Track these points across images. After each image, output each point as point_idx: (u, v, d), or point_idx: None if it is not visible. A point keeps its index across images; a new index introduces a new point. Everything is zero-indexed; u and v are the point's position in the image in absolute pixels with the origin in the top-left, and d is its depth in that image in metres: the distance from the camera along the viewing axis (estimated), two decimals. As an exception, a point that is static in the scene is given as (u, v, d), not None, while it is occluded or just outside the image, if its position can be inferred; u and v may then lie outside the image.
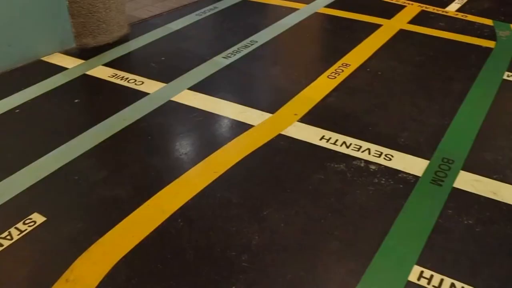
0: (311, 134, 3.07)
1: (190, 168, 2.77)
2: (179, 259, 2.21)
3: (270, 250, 2.26)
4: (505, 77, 3.91)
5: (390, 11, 5.10)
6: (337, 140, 3.02)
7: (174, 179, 2.68)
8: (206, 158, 2.85)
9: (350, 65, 3.95)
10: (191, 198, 2.55)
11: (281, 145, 2.97)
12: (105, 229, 2.35)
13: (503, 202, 2.62)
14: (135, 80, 3.64)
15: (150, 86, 3.58)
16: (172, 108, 3.33)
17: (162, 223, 2.39)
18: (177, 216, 2.44)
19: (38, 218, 2.42)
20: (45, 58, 3.98)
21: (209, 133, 3.10)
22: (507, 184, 2.75)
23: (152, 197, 2.55)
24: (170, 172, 2.74)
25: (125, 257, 2.21)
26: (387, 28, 4.68)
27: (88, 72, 3.77)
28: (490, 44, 4.49)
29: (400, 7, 5.23)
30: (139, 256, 2.22)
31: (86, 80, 3.69)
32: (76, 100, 3.46)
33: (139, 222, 2.40)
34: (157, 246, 2.28)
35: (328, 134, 3.07)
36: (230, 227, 2.38)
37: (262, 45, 4.27)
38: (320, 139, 3.02)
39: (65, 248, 2.27)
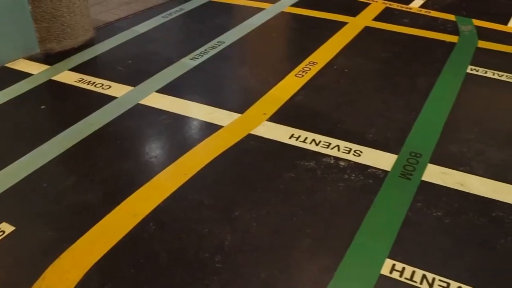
0: (281, 133, 3.08)
1: (160, 171, 2.76)
2: (152, 263, 2.20)
3: (243, 250, 2.27)
4: (468, 70, 3.99)
5: (355, 9, 5.15)
6: (306, 138, 3.04)
7: (145, 183, 2.66)
8: (176, 161, 2.84)
9: (317, 63, 3.98)
10: (163, 201, 2.54)
11: (251, 145, 2.98)
12: (76, 236, 2.32)
13: (470, 193, 2.68)
14: (102, 84, 3.61)
15: (117, 90, 3.55)
16: (140, 112, 3.30)
17: (134, 227, 2.38)
18: (149, 220, 2.42)
19: (6, 228, 2.38)
20: (9, 65, 3.91)
21: (178, 135, 3.09)
22: (473, 176, 2.81)
23: (123, 201, 2.53)
24: (141, 175, 2.73)
25: (97, 263, 2.19)
26: (353, 26, 4.73)
27: (54, 78, 3.72)
28: (453, 39, 4.57)
29: (365, 5, 5.29)
30: (111, 262, 2.20)
31: (52, 86, 3.64)
32: (43, 106, 3.41)
33: (110, 227, 2.38)
34: (130, 251, 2.26)
35: (297, 132, 3.09)
36: (202, 228, 2.38)
37: (229, 46, 4.27)
38: (290, 138, 3.04)
39: (36, 257, 2.24)
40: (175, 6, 5.12)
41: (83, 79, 3.68)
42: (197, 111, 3.31)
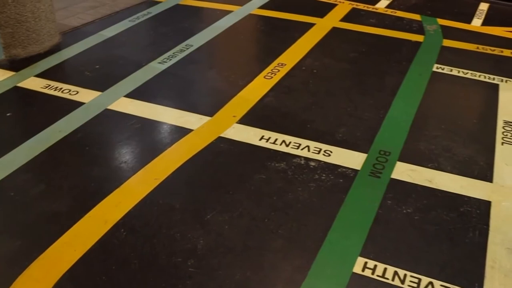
0: (251, 135, 3.09)
1: (130, 177, 2.73)
2: (124, 269, 2.18)
3: (216, 253, 2.27)
4: (434, 69, 4.06)
5: (323, 10, 5.19)
6: (276, 139, 3.05)
7: (115, 189, 2.63)
8: (147, 165, 2.82)
9: (285, 64, 4.00)
10: (133, 206, 2.52)
11: (221, 147, 2.98)
12: (46, 245, 2.29)
13: (439, 189, 2.73)
14: (70, 90, 3.56)
15: (85, 95, 3.50)
16: (109, 117, 3.27)
17: (105, 234, 2.35)
18: (120, 226, 2.40)
19: (-27, 239, 2.34)
20: (-27, 72, 3.84)
21: (148, 140, 3.07)
22: (441, 172, 2.86)
23: (93, 208, 2.51)
24: (111, 181, 2.70)
25: (68, 271, 2.16)
26: (320, 27, 4.77)
27: (19, 84, 3.65)
28: (419, 38, 4.65)
29: (332, 6, 5.33)
30: (82, 270, 2.18)
31: (18, 93, 3.58)
32: (8, 114, 3.35)
33: (81, 235, 2.35)
34: (101, 258, 2.24)
35: (267, 134, 3.10)
36: (175, 233, 2.37)
37: (197, 49, 4.26)
38: (260, 139, 3.05)
39: (5, 267, 2.19)
40: (143, 9, 5.09)
41: (49, 85, 3.62)
42: (166, 115, 3.30)
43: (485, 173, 2.87)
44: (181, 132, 3.11)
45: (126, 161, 2.87)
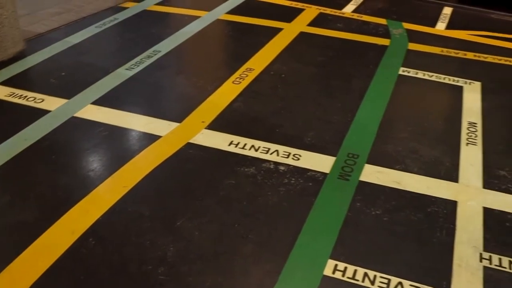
0: (220, 140, 3.08)
1: (98, 185, 2.70)
2: (94, 279, 2.15)
3: (187, 260, 2.25)
4: (400, 72, 4.12)
5: (290, 15, 5.22)
6: (245, 144, 3.05)
7: (83, 197, 2.60)
8: (115, 173, 2.79)
9: (254, 69, 4.01)
10: (102, 215, 2.49)
11: (190, 153, 2.96)
12: (13, 256, 2.24)
13: (406, 190, 2.77)
14: (35, 98, 3.50)
15: (51, 103, 3.45)
16: (76, 125, 3.23)
17: (73, 244, 2.32)
18: (88, 235, 2.37)
19: None
20: None
21: (116, 147, 3.04)
22: (408, 173, 2.91)
23: (61, 218, 2.46)
24: (78, 190, 2.66)
25: (35, 283, 2.12)
26: (288, 31, 4.79)
27: (-18, 93, 3.59)
28: (385, 42, 4.71)
29: (299, 11, 5.37)
30: (51, 280, 2.14)
31: (-19, 102, 3.51)
32: (-29, 123, 3.28)
33: (48, 245, 2.31)
34: (69, 268, 2.20)
35: (236, 139, 3.10)
36: (144, 240, 2.35)
37: (165, 54, 4.24)
38: (229, 145, 3.05)
39: (-32, 280, 2.15)
40: (109, 15, 5.04)
41: (14, 93, 3.55)
42: (134, 122, 3.27)
43: (451, 174, 2.93)
44: (149, 138, 3.09)
45: (94, 169, 2.84)
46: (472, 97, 3.80)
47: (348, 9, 5.55)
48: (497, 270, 2.30)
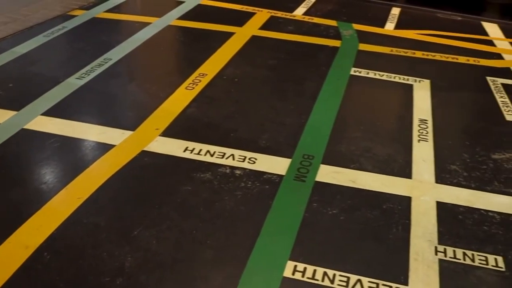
0: (175, 147, 3.06)
1: (52, 197, 2.64)
2: (49, 294, 2.10)
3: (145, 269, 2.23)
4: (352, 72, 4.18)
5: (241, 19, 5.23)
6: (201, 150, 3.04)
7: (36, 211, 2.53)
8: (69, 185, 2.73)
9: (207, 74, 4.00)
10: (56, 228, 2.43)
11: (145, 161, 2.93)
12: (-38, 276, 2.18)
13: (362, 189, 2.81)
14: (-18, 112, 3.40)
15: (-1, 116, 3.36)
16: (26, 137, 3.14)
17: (27, 260, 2.25)
18: (43, 250, 2.31)
19: None
20: None
21: (69, 158, 2.98)
22: (363, 172, 2.95)
23: (13, 233, 2.39)
24: (31, 204, 2.59)
25: (-12, 302, 2.07)
26: (240, 36, 4.80)
27: None
28: (336, 43, 4.77)
29: (251, 14, 5.39)
30: (3, 298, 2.09)
31: None
32: None
33: (0, 263, 2.24)
34: (24, 286, 2.14)
35: (191, 145, 3.09)
36: (101, 252, 2.31)
37: (117, 62, 4.18)
38: (184, 151, 3.03)
39: None
40: (57, 24, 4.94)
41: (-41, 108, 3.44)
42: (87, 131, 3.21)
43: (404, 170, 2.99)
44: (103, 148, 3.04)
45: (47, 181, 2.77)
46: (422, 95, 3.89)
47: (299, 12, 5.60)
48: (452, 262, 2.36)
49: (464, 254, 2.41)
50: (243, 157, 3.00)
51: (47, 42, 4.55)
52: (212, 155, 3.00)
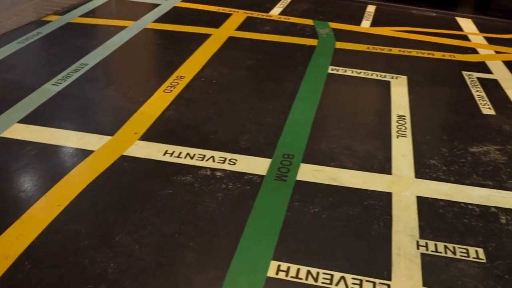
0: (154, 151, 3.04)
1: (31, 206, 2.60)
2: (31, 303, 2.08)
3: (128, 275, 2.21)
4: (329, 71, 4.21)
5: (218, 20, 5.22)
6: (180, 153, 3.03)
7: (15, 221, 2.49)
8: (48, 192, 2.70)
9: (184, 77, 3.98)
10: (37, 237, 2.40)
11: (125, 166, 2.91)
12: None
13: (343, 186, 2.83)
14: (-44, 121, 3.34)
15: (-26, 125, 3.31)
16: (2, 146, 3.09)
17: (7, 270, 2.22)
18: (23, 259, 2.28)
19: None
20: None
21: (47, 165, 2.95)
22: (344, 169, 2.97)
23: (-8, 244, 2.37)
24: (9, 213, 2.55)
25: (-32, 314, 2.03)
26: (217, 37, 4.80)
27: None
28: (313, 42, 4.79)
29: (227, 15, 5.38)
30: (-16, 310, 2.05)
31: None
32: None
33: (-20, 274, 2.21)
34: (5, 295, 2.12)
35: (171, 148, 3.07)
36: (83, 259, 2.28)
37: (93, 67, 4.14)
38: (164, 154, 3.01)
39: None
40: (32, 30, 4.88)
41: None
42: (65, 138, 3.18)
43: (384, 166, 3.01)
44: (82, 154, 3.01)
45: (25, 190, 2.74)
46: (399, 91, 3.93)
47: (275, 12, 5.61)
48: (433, 255, 2.39)
49: (446, 247, 2.44)
50: (223, 159, 2.99)
51: (22, 49, 4.50)
52: (192, 158, 2.99)
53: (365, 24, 5.41)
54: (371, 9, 5.89)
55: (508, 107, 3.84)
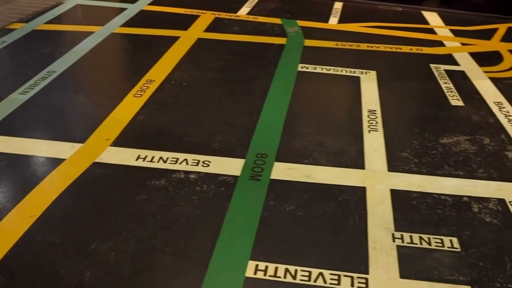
0: (127, 156, 3.01)
1: (3, 218, 2.55)
2: (6, 317, 2.04)
3: (105, 283, 2.18)
4: (299, 69, 4.23)
5: (186, 22, 5.20)
6: (153, 157, 3.00)
7: (-14, 234, 2.46)
8: (19, 203, 2.65)
9: (154, 80, 3.95)
10: (10, 249, 2.35)
11: (98, 173, 2.88)
12: None
13: (317, 183, 2.84)
14: None
15: None
16: (-30, 158, 3.04)
17: (-19, 285, 2.19)
18: (-3, 272, 2.24)
19: None
20: None
21: (18, 176, 2.89)
22: (317, 166, 2.98)
23: (-37, 259, 2.32)
24: (-19, 227, 2.51)
25: None
26: (185, 39, 4.78)
27: None
28: (282, 41, 4.81)
29: (195, 17, 5.36)
30: (-42, 327, 2.01)
31: None
32: None
33: (-48, 290, 2.16)
34: (-22, 311, 2.08)
35: (143, 153, 3.05)
36: (58, 269, 2.25)
37: (61, 74, 4.08)
38: (136, 159, 2.98)
39: None
40: (-4, 39, 4.80)
41: None
42: (35, 147, 3.12)
43: (357, 161, 3.04)
44: (53, 163, 2.96)
45: (-5, 202, 2.69)
46: (369, 86, 3.97)
47: (243, 12, 5.62)
48: (409, 247, 2.41)
49: (421, 238, 2.46)
50: (196, 161, 2.98)
51: (-14, 58, 4.42)
52: (165, 162, 2.97)
53: (333, 21, 5.45)
54: (338, 6, 5.94)
55: (476, 97, 3.90)
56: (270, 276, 2.23)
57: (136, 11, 5.50)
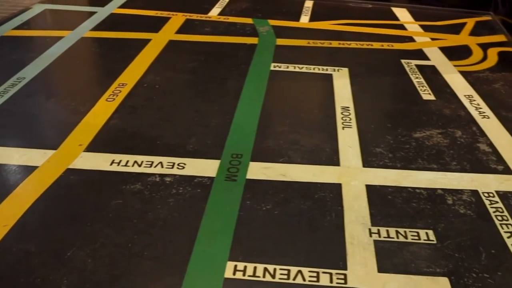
0: (101, 161, 2.98)
1: (-25, 229, 2.51)
2: (-18, 330, 2.00)
3: (83, 290, 2.16)
4: (272, 68, 4.23)
5: (157, 25, 5.17)
6: (128, 161, 2.98)
7: (-42, 246, 2.41)
8: (-8, 213, 2.61)
9: (126, 84, 3.92)
10: (-17, 261, 2.32)
11: (72, 179, 2.84)
12: None
13: (293, 181, 2.84)
14: None
15: None
16: None
17: (-46, 298, 2.14)
18: (-30, 286, 2.20)
19: None
20: None
21: (-11, 186, 2.85)
22: (292, 164, 2.99)
23: None
24: (-48, 239, 2.46)
25: None
26: (157, 42, 4.75)
27: None
28: (253, 40, 4.81)
29: (166, 19, 5.33)
30: None
31: None
32: None
33: None
34: (-47, 324, 2.03)
35: (117, 157, 3.02)
36: (34, 279, 2.21)
37: (31, 81, 4.02)
38: (111, 164, 2.96)
39: None
40: (-38, 47, 4.71)
41: None
42: (5, 156, 3.06)
43: (332, 158, 3.06)
44: (25, 171, 2.92)
45: (-33, 213, 2.64)
46: (342, 83, 3.99)
47: (214, 13, 5.61)
48: (386, 241, 2.43)
49: (397, 232, 2.49)
50: (171, 164, 2.96)
51: (-47, 68, 4.32)
52: (140, 165, 2.95)
53: (304, 20, 5.47)
54: (309, 4, 5.97)
55: (447, 91, 3.96)
56: (249, 276, 2.23)
57: (106, 15, 5.44)
